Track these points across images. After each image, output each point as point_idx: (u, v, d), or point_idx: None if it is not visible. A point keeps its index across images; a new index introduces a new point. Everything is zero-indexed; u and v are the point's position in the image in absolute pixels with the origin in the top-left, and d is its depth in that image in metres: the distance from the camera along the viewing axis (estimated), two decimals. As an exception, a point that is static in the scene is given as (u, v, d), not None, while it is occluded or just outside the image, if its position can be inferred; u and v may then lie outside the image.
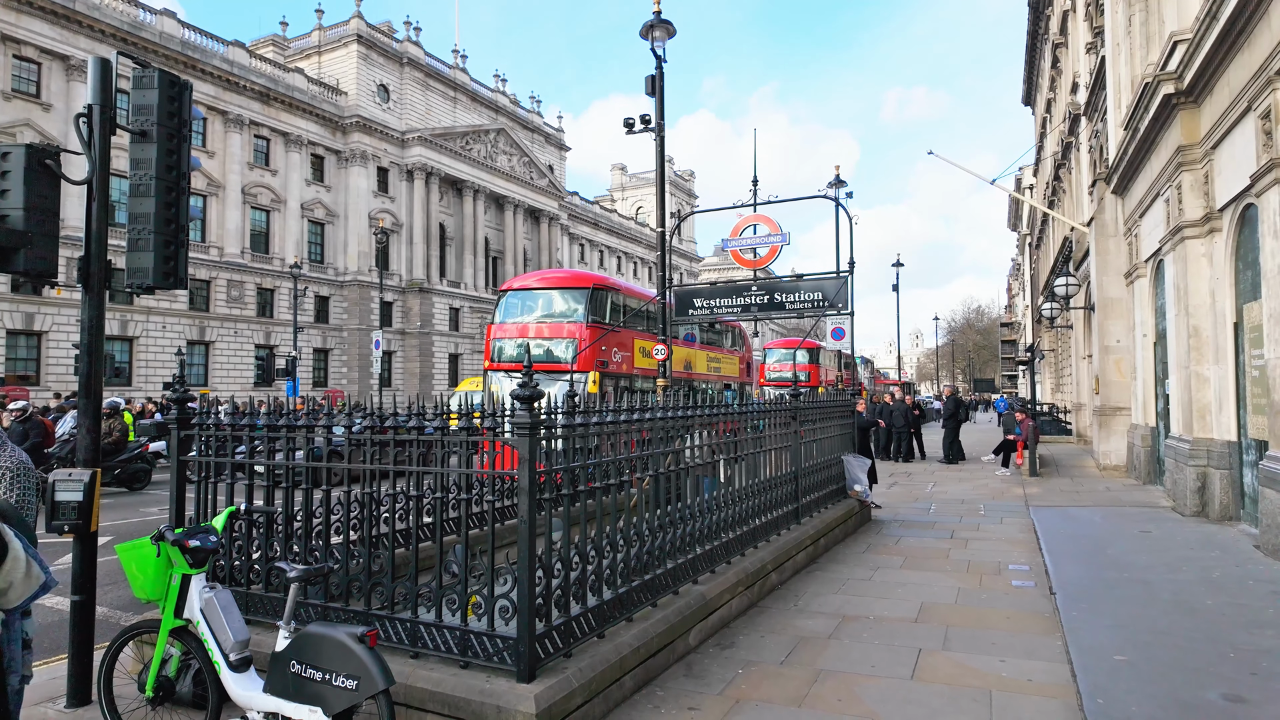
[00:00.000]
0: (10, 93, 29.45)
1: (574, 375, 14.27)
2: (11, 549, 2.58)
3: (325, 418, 4.62)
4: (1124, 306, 14.73)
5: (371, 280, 42.90)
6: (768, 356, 31.91)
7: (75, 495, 4.20)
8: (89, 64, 4.52)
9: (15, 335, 29.83)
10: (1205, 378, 9.49)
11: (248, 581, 4.54)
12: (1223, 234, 8.96)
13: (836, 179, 16.47)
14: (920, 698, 4.27)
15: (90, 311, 4.49)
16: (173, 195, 4.67)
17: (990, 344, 72.20)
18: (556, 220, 59.30)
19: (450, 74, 50.93)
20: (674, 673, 4.62)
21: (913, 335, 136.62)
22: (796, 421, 7.83)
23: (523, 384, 3.73)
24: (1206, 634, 5.11)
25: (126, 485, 14.69)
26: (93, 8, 31.82)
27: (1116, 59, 13.39)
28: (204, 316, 36.50)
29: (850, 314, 12.75)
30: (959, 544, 8.71)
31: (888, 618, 5.81)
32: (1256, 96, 7.24)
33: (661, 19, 12.24)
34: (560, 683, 3.67)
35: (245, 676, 3.48)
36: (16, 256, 4.09)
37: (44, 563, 2.77)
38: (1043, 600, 6.27)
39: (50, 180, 4.30)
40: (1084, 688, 4.24)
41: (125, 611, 6.46)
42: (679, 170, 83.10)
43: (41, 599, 2.97)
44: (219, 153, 37.18)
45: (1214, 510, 9.17)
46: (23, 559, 2.62)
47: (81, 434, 4.51)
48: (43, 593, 2.78)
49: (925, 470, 17.25)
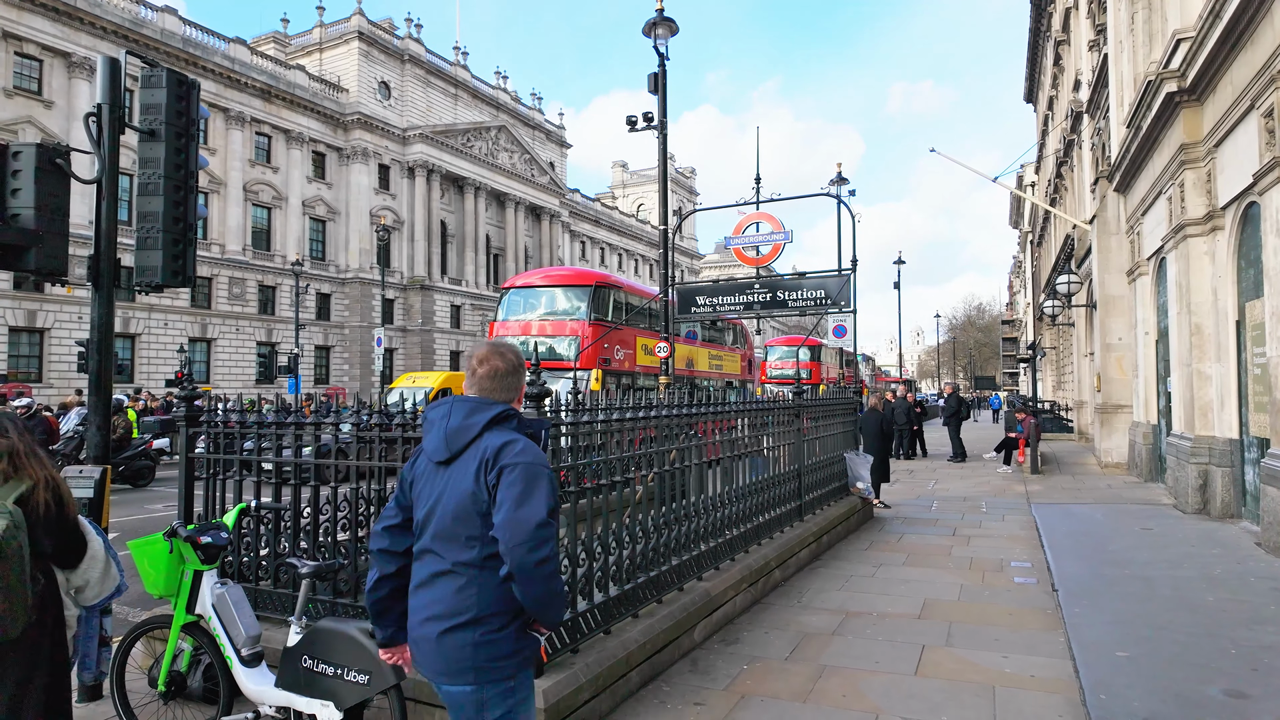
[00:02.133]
0: (12, 89, 29.46)
1: (577, 373, 14.30)
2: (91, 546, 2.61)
3: (333, 414, 4.66)
4: (1126, 304, 14.74)
5: (373, 277, 42.92)
6: (770, 354, 31.93)
7: (86, 492, 4.24)
8: (99, 63, 4.55)
9: (17, 332, 29.87)
10: (1207, 375, 9.51)
11: (256, 578, 4.57)
12: (1225, 232, 8.97)
13: (839, 177, 16.50)
14: (923, 693, 4.31)
15: (100, 309, 4.53)
16: (181, 194, 4.71)
17: (991, 341, 72.17)
18: (558, 217, 59.30)
19: (451, 71, 50.90)
20: (680, 668, 4.66)
21: (914, 333, 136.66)
22: (799, 419, 7.86)
23: (531, 382, 3.76)
24: (1207, 630, 5.15)
25: (130, 482, 14.73)
26: (94, 4, 31.81)
27: (1119, 56, 13.39)
28: (206, 314, 36.54)
29: (852, 311, 12.79)
30: (961, 541, 8.74)
31: (891, 614, 5.84)
32: (1259, 95, 7.25)
33: (664, 16, 12.25)
34: (568, 678, 3.70)
35: (257, 671, 3.52)
36: (28, 255, 4.13)
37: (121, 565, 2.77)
38: (1044, 596, 6.31)
39: (60, 179, 4.34)
40: (1086, 683, 4.28)
41: (135, 608, 6.50)
42: (680, 168, 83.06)
43: None
44: (220, 150, 37.18)
45: (1215, 507, 9.20)
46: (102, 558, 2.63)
47: (91, 431, 4.55)
48: (117, 594, 2.79)
49: (927, 468, 17.28)
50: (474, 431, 2.24)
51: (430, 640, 2.20)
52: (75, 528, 2.56)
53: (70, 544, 2.55)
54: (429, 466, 2.32)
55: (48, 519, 2.41)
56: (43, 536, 2.40)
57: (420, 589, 2.27)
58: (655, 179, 25.38)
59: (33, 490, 2.38)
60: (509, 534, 2.11)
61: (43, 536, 2.40)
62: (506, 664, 2.21)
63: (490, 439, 2.23)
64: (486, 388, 2.36)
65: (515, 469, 2.16)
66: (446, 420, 2.29)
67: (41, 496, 2.40)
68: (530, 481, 2.15)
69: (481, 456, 2.20)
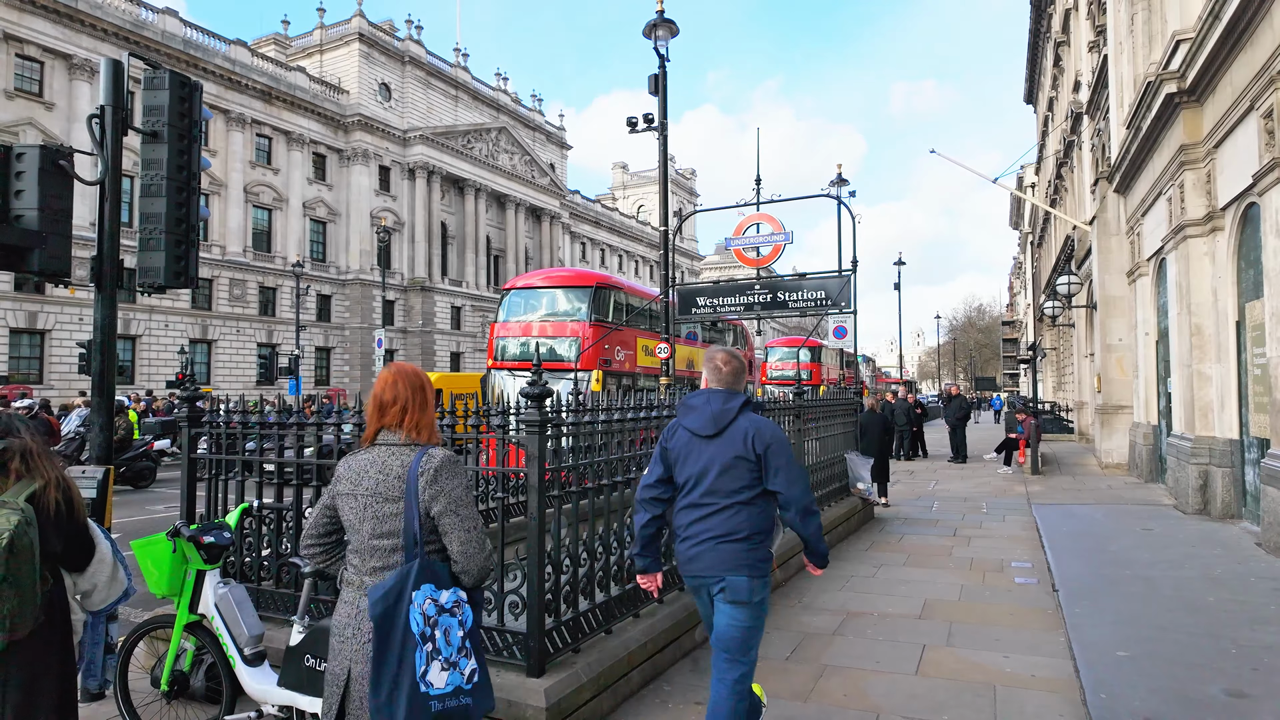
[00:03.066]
0: (13, 91, 29.50)
1: (578, 374, 14.31)
2: (99, 549, 2.60)
3: (335, 415, 4.67)
4: (1126, 305, 14.75)
5: (373, 279, 42.94)
6: (770, 355, 31.92)
7: (89, 493, 4.24)
8: (101, 65, 4.56)
9: (18, 334, 29.90)
10: (1207, 376, 9.52)
11: (259, 578, 4.58)
12: (1225, 233, 8.98)
13: (839, 178, 16.51)
14: (924, 692, 4.31)
15: (103, 310, 4.54)
16: (183, 195, 4.72)
17: (992, 342, 72.14)
18: (558, 219, 59.34)
19: (452, 72, 50.96)
20: (681, 668, 4.67)
21: (915, 334, 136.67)
22: (800, 420, 7.86)
23: (532, 382, 3.77)
24: (1208, 630, 5.15)
25: (131, 483, 14.73)
26: (95, 6, 31.85)
27: (1119, 58, 13.41)
28: (206, 315, 36.57)
29: (852, 312, 12.79)
30: (962, 541, 8.75)
31: (891, 614, 5.85)
32: (1259, 96, 7.26)
33: (664, 18, 12.27)
34: (569, 677, 3.71)
35: (260, 670, 3.53)
36: (32, 256, 4.15)
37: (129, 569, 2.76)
38: (1045, 596, 6.31)
39: (63, 180, 4.35)
40: (1087, 682, 4.28)
41: (137, 608, 6.51)
42: (681, 169, 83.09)
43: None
44: (221, 151, 37.23)
45: (1216, 508, 9.20)
46: (109, 562, 2.63)
47: (94, 431, 4.56)
48: (124, 599, 2.77)
49: (928, 468, 17.29)
50: (733, 414, 3.16)
51: (713, 550, 3.08)
52: (84, 529, 2.57)
53: (79, 545, 2.55)
54: (690, 439, 3.19)
55: (58, 519, 2.41)
56: (52, 536, 2.40)
57: (697, 521, 3.12)
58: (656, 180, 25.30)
59: (44, 490, 2.39)
60: (792, 490, 3.09)
61: (52, 536, 2.40)
62: (764, 565, 3.15)
63: (745, 419, 3.15)
64: (730, 382, 3.26)
65: (777, 443, 3.13)
66: (709, 406, 3.19)
67: (53, 496, 2.40)
68: (787, 450, 3.17)
69: (745, 431, 3.11)
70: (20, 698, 2.34)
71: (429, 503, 2.31)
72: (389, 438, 2.42)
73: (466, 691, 2.26)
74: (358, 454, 2.45)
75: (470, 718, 2.27)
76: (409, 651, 2.19)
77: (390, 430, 2.43)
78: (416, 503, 2.30)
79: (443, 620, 2.26)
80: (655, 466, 3.26)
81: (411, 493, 2.30)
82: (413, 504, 2.30)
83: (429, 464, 2.33)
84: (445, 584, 2.31)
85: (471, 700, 2.27)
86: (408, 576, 2.24)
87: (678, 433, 3.25)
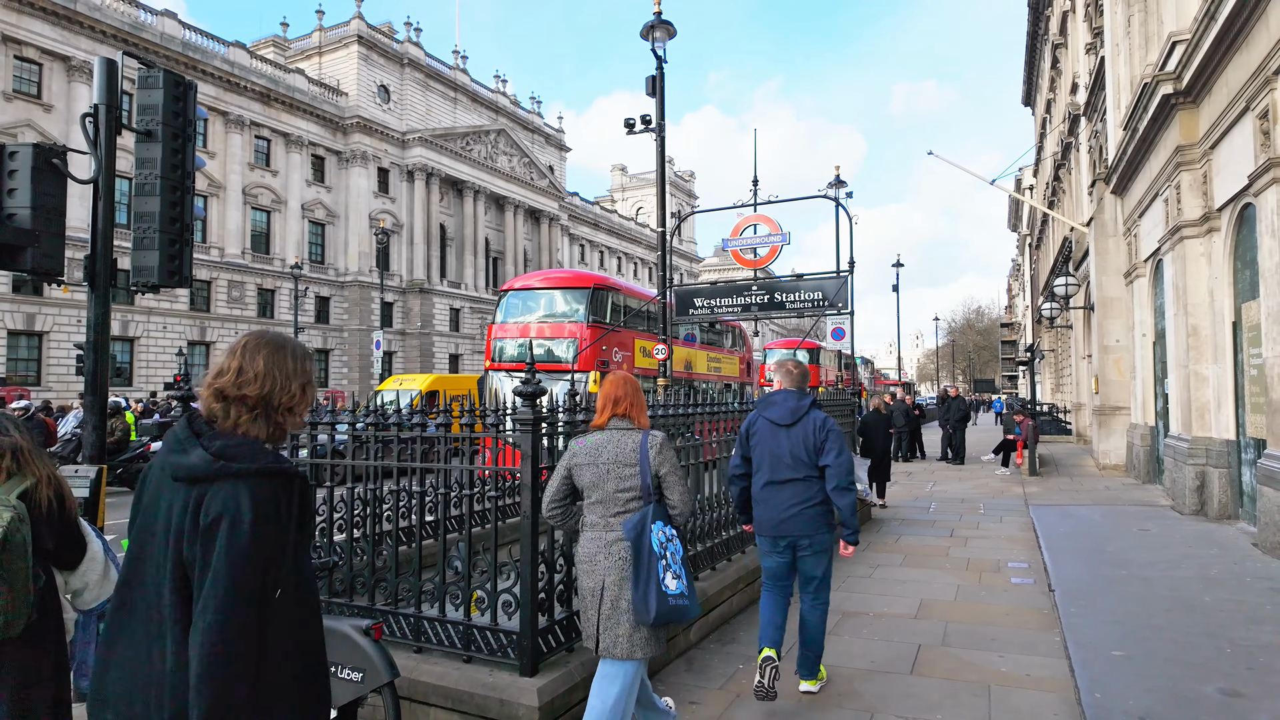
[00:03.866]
0: (11, 93, 29.50)
1: (575, 375, 14.30)
2: (90, 547, 2.60)
3: (329, 415, 4.66)
4: (1123, 306, 14.76)
5: (372, 281, 42.94)
6: (768, 356, 31.91)
7: (82, 492, 4.22)
8: (95, 65, 4.56)
9: (16, 336, 29.87)
10: (1204, 377, 9.52)
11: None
12: (1221, 233, 8.99)
13: (837, 179, 16.51)
14: (920, 692, 4.31)
15: (96, 310, 4.53)
16: (177, 194, 4.72)
17: (990, 344, 72.19)
18: (557, 221, 59.35)
19: (450, 74, 50.98)
20: (675, 668, 4.66)
21: (913, 335, 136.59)
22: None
23: (526, 381, 3.76)
24: (1204, 630, 5.15)
25: (128, 485, 14.70)
26: (94, 9, 31.86)
27: (1116, 59, 13.43)
28: (205, 317, 36.55)
29: (850, 314, 12.78)
30: (959, 542, 8.74)
31: (887, 614, 5.84)
32: (1255, 96, 7.28)
33: (662, 19, 12.26)
34: (563, 676, 3.70)
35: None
36: (24, 255, 4.14)
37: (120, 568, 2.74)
38: (1041, 597, 6.31)
39: (56, 179, 4.34)
40: (1082, 682, 4.28)
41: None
42: (679, 171, 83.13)
43: None
44: (220, 153, 37.23)
45: (1213, 508, 9.20)
46: (100, 560, 2.62)
47: (88, 431, 4.55)
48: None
49: (925, 469, 17.28)
50: (805, 409, 4.14)
51: (798, 516, 4.04)
52: (75, 526, 2.57)
53: (70, 543, 2.55)
54: (768, 427, 4.16)
55: (49, 516, 2.42)
56: (45, 533, 2.41)
57: (783, 491, 4.07)
58: (654, 182, 25.39)
59: (36, 487, 2.40)
60: (839, 464, 3.99)
61: (45, 533, 2.41)
62: (832, 520, 4.15)
63: (814, 414, 4.13)
64: (800, 383, 4.25)
65: (835, 433, 4.09)
66: (787, 402, 4.17)
67: (44, 493, 2.41)
68: (841, 437, 4.14)
69: (812, 423, 4.09)
70: (15, 695, 2.34)
71: (658, 466, 3.24)
72: (619, 423, 3.33)
73: (685, 596, 3.16)
74: (589, 435, 3.34)
75: (686, 616, 3.19)
76: (654, 562, 3.11)
77: (619, 417, 3.34)
78: (649, 466, 3.22)
79: (670, 546, 3.20)
80: (738, 451, 4.28)
81: (644, 459, 3.22)
82: (645, 467, 3.22)
83: (655, 440, 3.27)
84: (667, 522, 3.25)
85: (687, 603, 3.17)
86: (648, 515, 3.19)
87: (758, 423, 4.20)
